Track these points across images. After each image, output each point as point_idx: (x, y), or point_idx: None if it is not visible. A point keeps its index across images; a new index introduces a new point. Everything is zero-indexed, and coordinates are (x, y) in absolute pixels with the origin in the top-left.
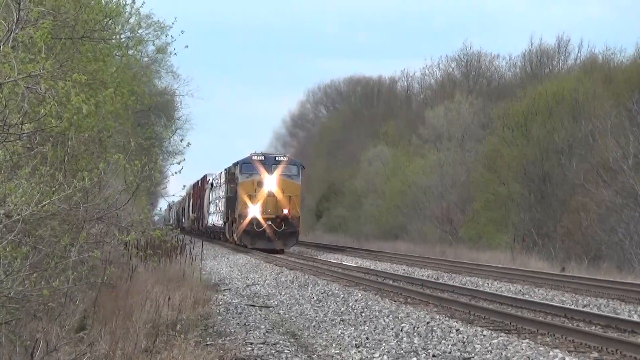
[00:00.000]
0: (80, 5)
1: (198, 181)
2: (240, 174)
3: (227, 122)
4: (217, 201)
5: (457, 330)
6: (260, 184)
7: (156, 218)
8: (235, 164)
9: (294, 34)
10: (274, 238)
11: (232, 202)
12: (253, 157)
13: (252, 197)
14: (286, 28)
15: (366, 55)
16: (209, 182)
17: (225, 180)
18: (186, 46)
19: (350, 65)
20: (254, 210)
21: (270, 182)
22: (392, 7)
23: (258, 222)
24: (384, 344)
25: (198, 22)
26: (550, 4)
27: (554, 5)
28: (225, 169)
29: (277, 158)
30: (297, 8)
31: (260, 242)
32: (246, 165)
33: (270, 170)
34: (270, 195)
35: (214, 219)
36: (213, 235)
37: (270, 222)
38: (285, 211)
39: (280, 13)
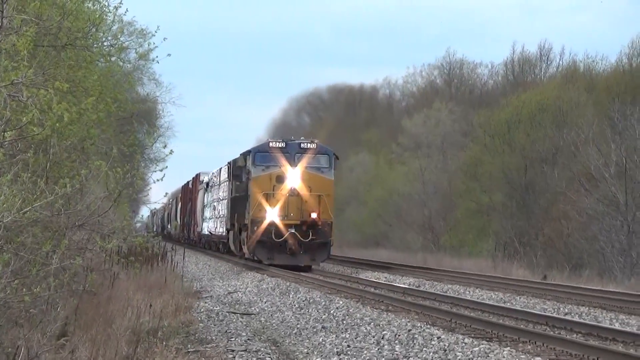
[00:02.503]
0: (63, 13)
1: (189, 182)
2: (254, 166)
3: (212, 130)
4: (215, 204)
5: (438, 338)
6: (280, 179)
7: (138, 225)
8: (246, 153)
9: (281, 42)
10: (299, 251)
11: (240, 204)
12: (270, 144)
13: (269, 197)
14: (273, 36)
15: (354, 64)
16: (204, 182)
17: (228, 177)
18: (169, 54)
19: (338, 74)
20: (271, 215)
21: (294, 177)
22: (381, 16)
23: (277, 229)
24: (365, 352)
25: (184, 31)
26: (533, 13)
27: (537, 14)
28: (229, 163)
29: (302, 145)
30: (285, 17)
31: (280, 257)
32: (261, 154)
33: (293, 161)
34: (294, 194)
35: (211, 225)
36: (209, 246)
37: (293, 230)
38: (314, 215)
39: (268, 21)
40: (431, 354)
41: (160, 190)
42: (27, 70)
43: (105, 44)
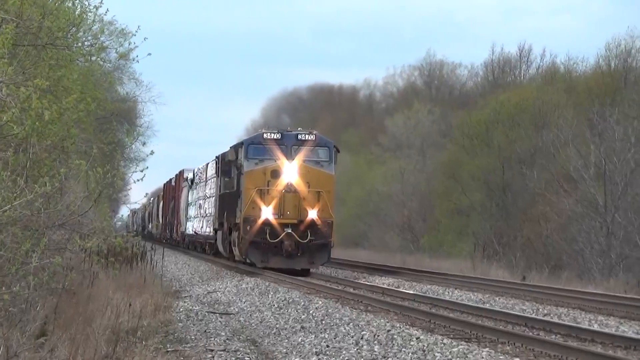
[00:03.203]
0: (44, 12)
1: (171, 179)
2: (246, 159)
3: (193, 130)
4: (201, 202)
5: (417, 339)
6: (275, 173)
7: (118, 224)
8: (237, 146)
9: (262, 43)
10: (296, 253)
11: (230, 201)
12: (265, 135)
13: (263, 194)
14: (254, 37)
15: (334, 65)
16: (188, 179)
17: (216, 172)
18: (149, 53)
19: (318, 74)
20: (266, 213)
21: (291, 172)
22: (361, 17)
23: (272, 229)
24: (344, 352)
25: (165, 30)
26: (513, 14)
27: (518, 15)
28: (217, 157)
29: (299, 136)
30: (265, 18)
31: (275, 260)
32: (254, 147)
33: (290, 154)
34: (291, 190)
35: (197, 225)
36: (194, 246)
37: (290, 230)
38: (313, 214)
39: (248, 22)
40: (410, 354)
41: (140, 190)
42: (7, 68)
43: (85, 43)
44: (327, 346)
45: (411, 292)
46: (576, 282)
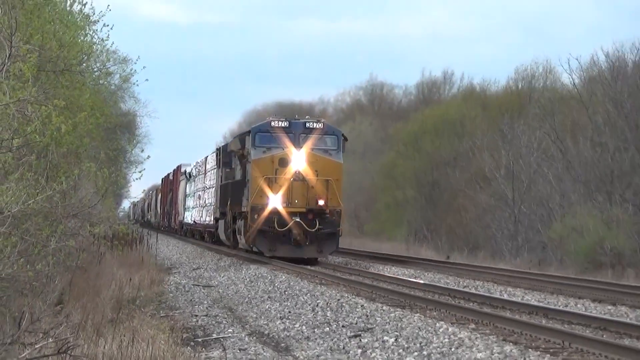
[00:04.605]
0: (61, 44)
1: (169, 174)
2: (254, 147)
3: (183, 138)
4: (200, 193)
5: (362, 306)
6: (283, 162)
7: (121, 214)
8: (243, 135)
9: (237, 65)
10: (304, 242)
11: (235, 191)
12: (272, 123)
13: (271, 182)
14: (233, 61)
15: (297, 84)
16: (185, 172)
17: (217, 163)
18: (146, 79)
19: (283, 92)
20: (274, 201)
21: (299, 160)
22: (318, 45)
23: (280, 218)
24: (303, 317)
25: (161, 55)
26: (439, 43)
27: (443, 44)
28: (217, 149)
29: (307, 124)
30: (244, 45)
31: (283, 249)
32: (262, 135)
33: (298, 143)
34: (299, 178)
35: (196, 214)
36: (192, 234)
37: (298, 219)
38: (321, 202)
39: (229, 49)
40: (356, 318)
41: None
42: (31, 89)
43: (94, 69)
44: (289, 312)
45: (357, 268)
46: (490, 260)
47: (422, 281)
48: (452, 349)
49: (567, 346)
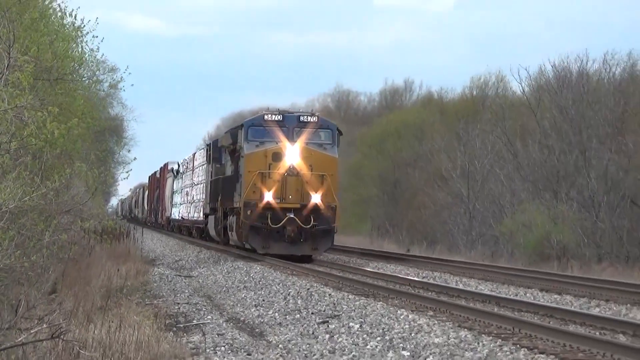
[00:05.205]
0: (55, 56)
1: (156, 171)
2: (247, 141)
3: (167, 140)
4: (188, 189)
5: (329, 295)
6: (277, 156)
7: (109, 211)
8: (235, 129)
9: (217, 74)
10: (298, 239)
11: (226, 186)
12: (265, 117)
13: (264, 177)
14: (214, 70)
15: (270, 91)
16: (172, 170)
17: (207, 159)
18: (132, 84)
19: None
20: (267, 197)
21: (293, 154)
22: (290, 56)
23: (274, 214)
24: (275, 304)
25: (147, 64)
26: (401, 53)
27: (403, 54)
28: (207, 145)
29: (301, 118)
30: (224, 55)
31: (277, 246)
32: (255, 129)
33: (291, 137)
34: (293, 173)
35: (184, 210)
36: (179, 230)
37: (292, 215)
38: (316, 198)
39: (211, 59)
40: (324, 306)
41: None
42: (28, 97)
43: (85, 78)
44: (263, 300)
45: (324, 260)
46: (447, 253)
47: (384, 272)
48: (412, 334)
49: (517, 332)
